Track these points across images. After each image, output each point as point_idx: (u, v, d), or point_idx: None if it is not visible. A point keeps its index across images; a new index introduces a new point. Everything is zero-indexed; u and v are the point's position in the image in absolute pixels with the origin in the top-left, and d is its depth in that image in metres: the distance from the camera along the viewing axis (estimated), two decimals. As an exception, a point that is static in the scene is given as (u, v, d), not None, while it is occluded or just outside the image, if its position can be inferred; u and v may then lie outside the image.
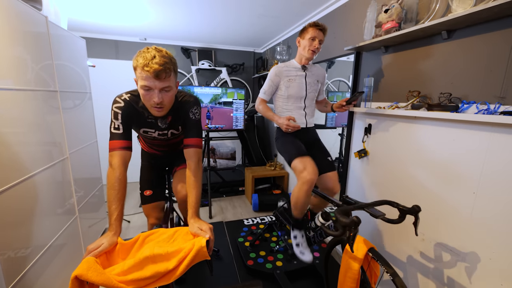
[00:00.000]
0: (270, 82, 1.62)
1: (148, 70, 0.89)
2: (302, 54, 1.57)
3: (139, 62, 0.91)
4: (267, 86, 1.64)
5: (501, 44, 0.96)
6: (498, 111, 0.94)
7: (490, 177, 0.99)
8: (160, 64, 0.90)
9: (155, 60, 0.90)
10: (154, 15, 2.40)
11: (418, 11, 1.25)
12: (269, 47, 3.44)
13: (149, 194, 1.38)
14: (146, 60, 0.90)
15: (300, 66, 1.61)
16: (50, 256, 1.32)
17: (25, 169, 1.14)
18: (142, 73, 0.91)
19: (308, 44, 1.52)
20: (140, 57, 0.91)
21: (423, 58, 1.28)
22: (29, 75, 1.21)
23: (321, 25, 1.52)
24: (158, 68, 0.90)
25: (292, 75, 1.60)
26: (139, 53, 0.93)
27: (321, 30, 1.51)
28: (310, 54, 1.54)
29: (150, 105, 0.99)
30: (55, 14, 1.59)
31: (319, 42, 1.52)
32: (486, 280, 1.03)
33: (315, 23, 1.52)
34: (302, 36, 1.56)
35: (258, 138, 3.43)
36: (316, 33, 1.50)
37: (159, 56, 0.91)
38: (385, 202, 1.10)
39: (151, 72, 0.90)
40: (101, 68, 3.05)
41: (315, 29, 1.50)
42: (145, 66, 0.90)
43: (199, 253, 0.82)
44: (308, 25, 1.53)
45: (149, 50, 0.92)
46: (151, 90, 0.95)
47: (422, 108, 1.21)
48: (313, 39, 1.51)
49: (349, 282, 1.12)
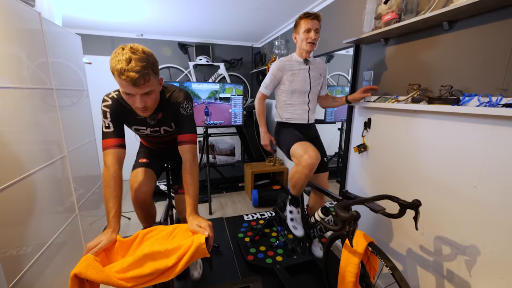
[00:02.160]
0: (272, 77, 1.57)
1: (124, 78, 0.83)
2: (301, 48, 1.52)
3: (115, 68, 0.84)
4: (268, 80, 1.58)
5: (503, 35, 0.94)
6: (500, 103, 0.92)
7: (491, 171, 0.99)
8: (137, 71, 0.83)
9: (130, 65, 0.83)
10: (149, 10, 2.36)
11: (418, 2, 1.22)
12: (267, 41, 3.40)
13: (145, 161, 1.30)
14: (120, 65, 0.82)
15: (302, 60, 1.56)
16: (51, 254, 1.32)
17: (23, 168, 1.13)
18: (119, 80, 0.86)
19: (304, 37, 1.46)
20: (114, 61, 0.84)
21: (423, 50, 1.26)
22: (25, 73, 1.20)
23: (312, 13, 1.44)
24: (134, 76, 0.83)
25: (295, 68, 1.55)
26: (114, 55, 0.85)
27: (314, 18, 1.43)
28: (309, 47, 1.48)
29: (135, 108, 0.97)
30: (49, 10, 1.56)
31: (315, 31, 1.45)
32: (486, 273, 1.03)
33: (305, 13, 1.44)
34: (296, 31, 1.51)
35: (257, 133, 3.42)
36: (310, 24, 1.43)
37: (135, 60, 0.83)
38: (385, 196, 1.10)
39: (127, 81, 0.84)
40: (98, 65, 3.01)
41: (307, 20, 1.43)
42: (121, 74, 0.83)
43: (198, 250, 0.82)
44: (298, 18, 1.47)
45: (124, 52, 0.84)
46: (132, 95, 0.91)
47: (422, 102, 1.19)
48: (308, 30, 1.44)
49: (349, 276, 1.12)
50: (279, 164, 3.08)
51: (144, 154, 1.37)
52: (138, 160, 1.33)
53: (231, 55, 3.71)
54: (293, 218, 1.55)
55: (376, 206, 1.15)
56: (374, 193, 1.62)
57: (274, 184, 3.13)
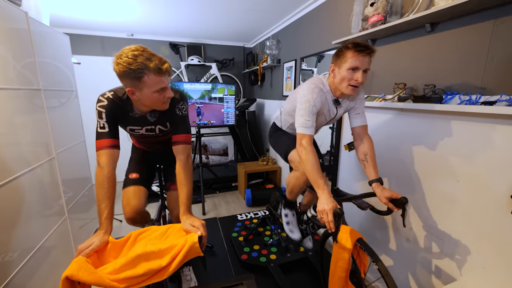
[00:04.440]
0: (314, 109, 1.13)
1: (164, 71, 0.90)
2: (338, 87, 1.13)
3: (148, 67, 0.86)
4: (309, 114, 1.11)
5: (482, 36, 0.99)
6: (479, 101, 0.97)
7: (472, 166, 1.03)
8: (166, 61, 0.91)
9: (159, 59, 0.89)
10: (140, 10, 2.34)
11: (403, 4, 1.27)
12: (259, 41, 3.42)
13: (135, 177, 1.29)
14: (154, 62, 0.87)
15: (334, 99, 1.20)
16: (40, 258, 1.29)
17: (9, 170, 1.11)
18: (155, 78, 0.89)
19: (348, 77, 1.06)
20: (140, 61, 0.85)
21: (408, 51, 1.30)
22: (11, 74, 1.17)
23: (365, 45, 1.02)
24: (168, 66, 0.91)
25: (326, 109, 1.22)
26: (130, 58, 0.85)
27: (367, 54, 1.02)
28: (350, 91, 1.09)
29: (163, 102, 0.99)
30: (36, 9, 1.53)
31: (364, 71, 1.04)
32: (470, 263, 1.07)
33: (355, 43, 1.03)
34: (338, 63, 1.09)
35: (250, 133, 3.43)
36: (359, 61, 1.02)
37: (155, 54, 0.90)
38: (374, 194, 1.13)
39: (165, 73, 0.91)
40: (87, 65, 2.96)
41: (358, 54, 1.01)
42: (159, 70, 0.88)
43: (191, 250, 0.82)
44: (345, 47, 1.05)
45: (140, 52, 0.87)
46: (164, 89, 0.95)
47: (408, 100, 1.23)
48: (355, 69, 1.04)
49: (339, 272, 1.15)
50: (272, 163, 3.10)
51: (135, 164, 1.36)
52: (128, 175, 1.31)
53: (223, 55, 3.72)
54: (289, 222, 1.54)
55: (364, 203, 1.19)
56: (364, 190, 1.66)
57: (267, 183, 3.15)
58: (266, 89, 3.35)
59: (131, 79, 0.89)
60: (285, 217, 1.56)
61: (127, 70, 0.86)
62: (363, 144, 1.23)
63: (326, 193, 1.00)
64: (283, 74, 2.77)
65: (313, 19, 2.18)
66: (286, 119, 1.45)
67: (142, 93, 0.93)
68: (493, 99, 0.93)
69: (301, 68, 2.44)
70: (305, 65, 2.40)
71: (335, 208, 0.96)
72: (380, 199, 1.09)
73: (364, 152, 1.22)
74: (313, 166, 1.06)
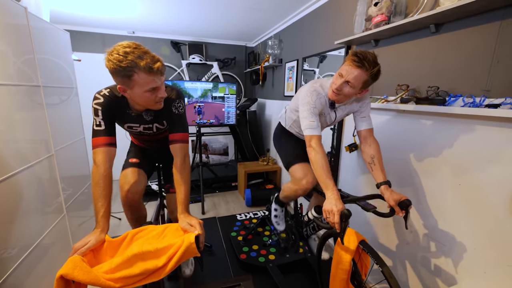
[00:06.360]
0: (315, 110, 1.13)
1: (155, 70, 0.86)
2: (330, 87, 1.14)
3: (138, 65, 0.83)
4: (312, 116, 1.12)
5: (487, 38, 0.97)
6: (483, 104, 0.95)
7: (475, 169, 1.02)
8: (158, 60, 0.87)
9: (151, 57, 0.85)
10: (141, 7, 2.33)
11: (407, 4, 1.25)
12: (261, 41, 3.40)
13: (135, 161, 1.27)
14: (145, 60, 0.83)
15: (330, 102, 1.20)
16: (38, 256, 1.28)
17: (8, 167, 1.10)
18: (146, 76, 0.86)
19: (334, 81, 1.08)
20: (131, 59, 0.82)
21: (412, 52, 1.29)
22: (11, 70, 1.16)
23: (362, 58, 0.99)
24: (160, 65, 0.87)
25: (326, 112, 1.23)
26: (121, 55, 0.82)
27: (357, 67, 0.99)
28: (330, 93, 1.13)
29: (155, 102, 0.96)
30: (36, 5, 1.52)
31: (348, 83, 1.04)
32: (471, 268, 1.06)
33: (355, 52, 1.01)
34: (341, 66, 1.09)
35: (250, 133, 3.42)
36: (345, 70, 1.02)
37: (147, 52, 0.86)
38: (377, 196, 1.12)
39: (157, 73, 0.87)
40: (88, 63, 2.95)
41: (349, 63, 1.01)
42: (150, 69, 0.85)
43: (188, 250, 0.81)
44: (348, 55, 1.08)
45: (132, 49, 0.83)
46: (156, 89, 0.92)
47: (410, 102, 1.22)
48: (341, 75, 1.05)
49: (340, 274, 1.14)
50: (272, 164, 3.09)
51: (135, 154, 1.35)
52: (128, 159, 1.31)
53: (225, 54, 3.70)
54: (277, 215, 1.68)
55: (368, 205, 1.17)
56: (365, 192, 1.64)
57: (267, 184, 3.14)
58: (267, 89, 3.34)
59: (121, 77, 0.87)
60: (274, 210, 1.68)
61: (117, 67, 0.83)
62: (369, 147, 1.22)
63: (335, 194, 0.99)
64: (285, 74, 2.76)
65: (316, 18, 2.16)
66: (290, 116, 1.47)
67: (133, 91, 0.91)
68: (498, 102, 0.91)
69: (303, 68, 2.42)
70: (307, 65, 2.38)
71: (343, 210, 0.95)
72: (388, 202, 1.07)
73: (371, 155, 1.20)
74: (322, 167, 1.05)
